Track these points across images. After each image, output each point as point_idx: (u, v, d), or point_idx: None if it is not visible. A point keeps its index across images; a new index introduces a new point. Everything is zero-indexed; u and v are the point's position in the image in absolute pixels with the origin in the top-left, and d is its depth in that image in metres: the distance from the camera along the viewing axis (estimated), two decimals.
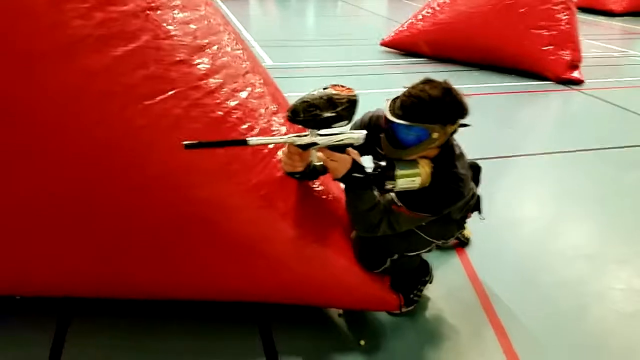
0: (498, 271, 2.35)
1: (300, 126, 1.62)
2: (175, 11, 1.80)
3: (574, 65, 5.76)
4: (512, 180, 3.43)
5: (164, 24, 1.71)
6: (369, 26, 9.74)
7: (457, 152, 1.77)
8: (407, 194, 1.70)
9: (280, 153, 1.74)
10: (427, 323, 2.03)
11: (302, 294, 1.82)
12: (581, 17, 7.25)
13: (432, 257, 2.11)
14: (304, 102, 1.53)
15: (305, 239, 1.76)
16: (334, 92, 1.55)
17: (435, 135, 1.62)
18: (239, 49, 2.04)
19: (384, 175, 1.69)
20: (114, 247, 1.68)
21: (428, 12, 6.28)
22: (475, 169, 2.07)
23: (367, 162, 1.84)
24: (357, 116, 1.86)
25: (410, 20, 6.49)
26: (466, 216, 2.05)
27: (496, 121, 4.52)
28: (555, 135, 4.44)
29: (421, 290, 2.07)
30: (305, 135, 1.58)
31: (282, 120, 1.90)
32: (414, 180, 1.66)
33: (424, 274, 2.08)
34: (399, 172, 1.66)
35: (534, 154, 3.82)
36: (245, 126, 1.75)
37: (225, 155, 1.66)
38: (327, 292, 1.82)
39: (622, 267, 2.46)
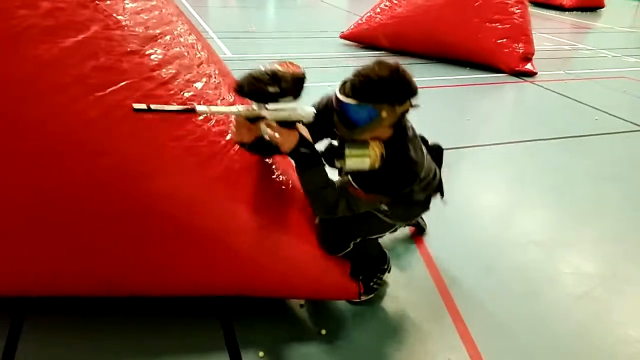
0: (455, 259, 2.41)
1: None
2: (126, 1, 1.76)
3: (527, 57, 5.93)
4: (469, 170, 3.51)
5: (114, 14, 1.67)
6: (328, 19, 9.76)
7: (410, 134, 1.78)
8: (361, 176, 1.71)
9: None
10: (386, 311, 2.06)
11: (265, 286, 1.82)
12: (534, 11, 7.48)
13: (390, 246, 2.15)
14: (250, 76, 1.57)
15: (266, 229, 1.77)
16: (279, 68, 1.58)
17: (384, 114, 1.62)
18: (193, 40, 2.01)
19: (333, 153, 1.72)
20: (70, 241, 1.63)
21: (386, 6, 6.35)
22: (437, 151, 2.09)
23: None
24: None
25: (369, 14, 6.54)
26: (430, 196, 2.06)
27: (452, 112, 4.61)
28: (509, 125, 4.56)
29: (380, 279, 2.11)
30: (254, 109, 1.61)
31: None
32: (363, 161, 1.67)
33: (382, 262, 2.12)
34: (348, 151, 1.67)
35: (489, 144, 3.93)
36: (201, 117, 1.74)
37: (182, 147, 1.65)
38: (290, 283, 1.83)
39: (572, 252, 2.56)
